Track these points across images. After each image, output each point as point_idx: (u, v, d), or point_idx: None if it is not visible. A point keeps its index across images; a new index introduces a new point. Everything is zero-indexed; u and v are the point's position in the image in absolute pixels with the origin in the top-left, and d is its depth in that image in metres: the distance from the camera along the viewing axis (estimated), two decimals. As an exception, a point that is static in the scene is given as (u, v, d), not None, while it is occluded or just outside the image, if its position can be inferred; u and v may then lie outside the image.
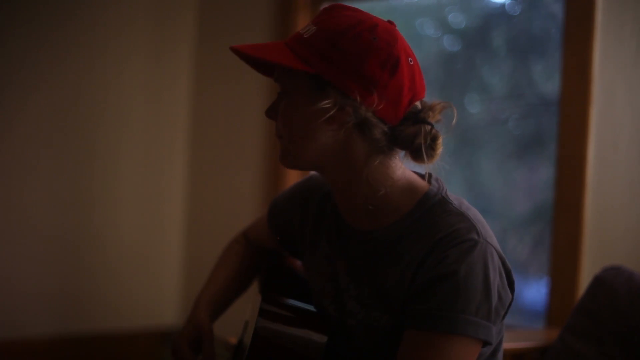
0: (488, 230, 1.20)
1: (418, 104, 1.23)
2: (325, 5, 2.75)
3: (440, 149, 1.23)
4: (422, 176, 1.29)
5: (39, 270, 2.83)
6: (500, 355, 1.27)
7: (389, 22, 1.25)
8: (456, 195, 1.27)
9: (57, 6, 2.83)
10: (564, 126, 2.05)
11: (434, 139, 1.22)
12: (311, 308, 1.37)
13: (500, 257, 1.19)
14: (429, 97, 1.27)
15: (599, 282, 1.76)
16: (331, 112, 1.18)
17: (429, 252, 1.16)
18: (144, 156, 3.07)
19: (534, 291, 2.36)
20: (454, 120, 1.24)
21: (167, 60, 3.11)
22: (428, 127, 1.21)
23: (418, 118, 1.21)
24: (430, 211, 1.21)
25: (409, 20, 2.79)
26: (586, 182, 2.00)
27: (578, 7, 2.02)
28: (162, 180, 3.13)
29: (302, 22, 2.76)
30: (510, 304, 1.21)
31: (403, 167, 1.25)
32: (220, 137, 3.08)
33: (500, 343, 1.26)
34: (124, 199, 3.02)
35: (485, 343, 1.16)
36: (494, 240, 1.19)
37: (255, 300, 1.47)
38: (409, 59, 1.21)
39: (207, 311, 1.47)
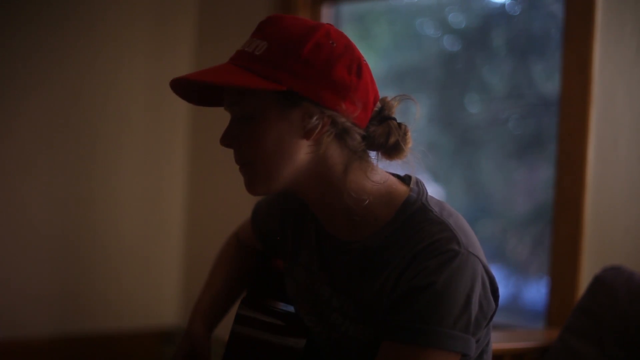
0: (470, 237, 1.17)
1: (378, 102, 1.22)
2: (325, 7, 2.76)
3: (410, 142, 1.21)
4: (401, 178, 1.26)
5: (39, 270, 2.83)
6: (487, 357, 1.25)
7: (328, 24, 1.21)
8: (437, 199, 1.23)
9: (57, 6, 2.83)
10: (564, 126, 2.05)
11: (405, 133, 1.20)
12: (293, 310, 1.35)
13: (484, 266, 1.15)
14: (430, 97, 1.27)
15: (599, 282, 1.76)
16: (309, 126, 1.14)
17: (409, 263, 1.13)
18: (144, 156, 3.07)
19: (534, 291, 2.36)
20: (417, 113, 1.23)
21: (167, 60, 3.10)
22: (395, 123, 1.20)
23: (383, 115, 1.20)
24: (410, 220, 1.17)
25: (409, 20, 2.78)
26: (586, 182, 2.00)
27: (578, 7, 2.02)
28: (162, 180, 3.13)
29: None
30: (494, 313, 1.18)
31: (380, 170, 1.22)
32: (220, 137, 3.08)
33: (488, 344, 1.24)
34: (124, 198, 3.02)
35: (465, 355, 1.13)
36: (476, 248, 1.16)
37: None
38: (363, 58, 1.20)
39: (204, 323, 1.47)
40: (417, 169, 1.22)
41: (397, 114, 1.23)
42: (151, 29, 3.05)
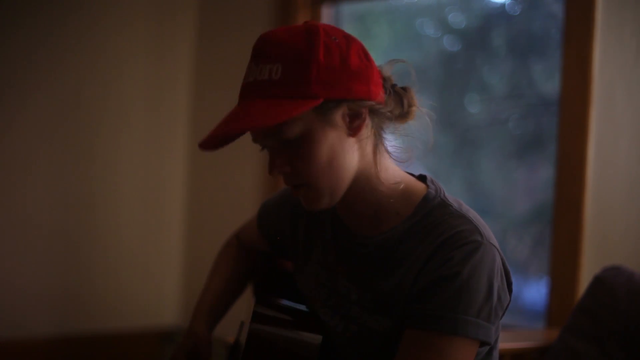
0: (489, 231, 1.20)
1: None
2: (325, 7, 2.76)
3: (416, 101, 1.23)
4: (415, 177, 1.29)
5: (39, 270, 2.83)
6: (496, 352, 1.27)
7: (316, 23, 1.21)
8: (454, 196, 1.26)
9: (57, 6, 2.83)
10: (564, 126, 2.05)
11: (411, 95, 1.23)
12: (305, 308, 1.37)
13: (502, 258, 1.19)
14: (430, 97, 1.28)
15: (599, 282, 1.76)
16: (353, 124, 1.16)
17: (432, 254, 1.16)
18: (144, 156, 3.07)
19: (534, 291, 2.36)
20: (413, 73, 1.25)
21: (167, 60, 3.11)
22: (400, 88, 1.23)
23: (387, 86, 1.22)
24: (430, 214, 1.20)
25: (409, 20, 2.78)
26: (586, 182, 2.00)
27: (578, 7, 2.02)
28: (162, 180, 3.14)
29: (302, 22, 2.76)
30: (508, 305, 1.21)
31: (397, 168, 1.26)
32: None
33: (496, 341, 1.26)
34: (124, 198, 3.03)
35: (484, 343, 1.16)
36: (495, 241, 1.19)
37: (251, 301, 1.46)
38: (358, 39, 1.22)
39: (205, 322, 1.48)
40: (430, 125, 1.24)
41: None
42: (151, 28, 3.05)
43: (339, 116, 1.16)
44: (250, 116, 1.12)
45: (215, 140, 1.17)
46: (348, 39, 1.18)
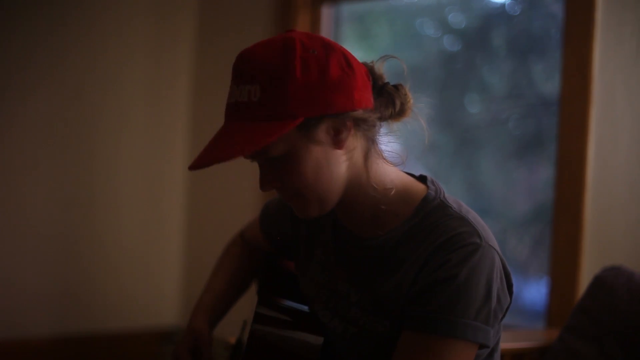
0: (489, 233, 1.20)
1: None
2: (325, 7, 2.76)
3: (411, 99, 1.23)
4: (416, 177, 1.28)
5: (39, 270, 2.83)
6: (497, 355, 1.27)
7: (293, 34, 1.18)
8: (454, 197, 1.26)
9: (57, 6, 2.83)
10: (564, 126, 2.05)
11: (405, 93, 1.22)
12: (307, 309, 1.37)
13: (501, 259, 1.19)
14: (430, 97, 1.27)
15: (599, 282, 1.76)
16: (338, 137, 1.16)
17: (431, 256, 1.15)
18: (144, 156, 3.07)
19: (534, 291, 2.36)
20: (405, 69, 1.25)
21: (167, 60, 3.11)
22: (391, 87, 1.22)
23: (378, 85, 1.22)
24: (430, 215, 1.20)
25: (409, 20, 2.79)
26: (586, 182, 2.00)
27: (578, 7, 2.02)
28: (162, 180, 3.14)
29: (302, 22, 2.76)
30: (508, 307, 1.21)
31: (396, 169, 1.25)
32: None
33: (497, 344, 1.26)
34: (124, 199, 3.03)
35: (483, 346, 1.15)
36: (495, 243, 1.19)
37: (253, 301, 1.46)
38: (338, 44, 1.20)
39: (205, 318, 1.48)
40: (424, 120, 1.24)
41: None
42: (151, 28, 3.05)
43: (322, 132, 1.15)
44: (233, 142, 1.13)
45: (204, 164, 1.18)
46: (327, 48, 1.15)
